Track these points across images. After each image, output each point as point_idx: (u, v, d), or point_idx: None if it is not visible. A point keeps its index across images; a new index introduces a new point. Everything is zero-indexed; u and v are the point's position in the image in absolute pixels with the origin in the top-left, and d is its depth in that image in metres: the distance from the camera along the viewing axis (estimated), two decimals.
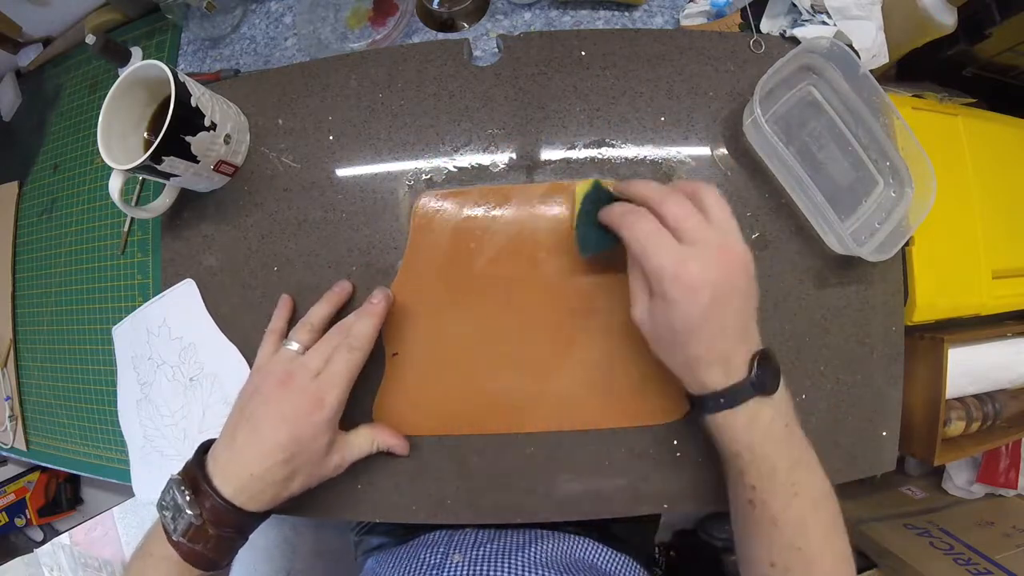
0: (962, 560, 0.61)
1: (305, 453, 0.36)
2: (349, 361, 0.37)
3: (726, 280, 0.31)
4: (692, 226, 0.31)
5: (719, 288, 0.30)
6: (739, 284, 0.31)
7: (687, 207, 0.32)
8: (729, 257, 0.31)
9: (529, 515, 0.42)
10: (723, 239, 0.31)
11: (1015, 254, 0.52)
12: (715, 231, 0.31)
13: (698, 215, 0.32)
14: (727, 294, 0.31)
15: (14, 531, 0.81)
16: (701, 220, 0.32)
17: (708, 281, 0.30)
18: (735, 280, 0.31)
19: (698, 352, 0.31)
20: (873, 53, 0.45)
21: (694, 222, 0.31)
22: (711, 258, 0.30)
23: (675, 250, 0.31)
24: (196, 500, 0.34)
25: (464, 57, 0.45)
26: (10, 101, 0.66)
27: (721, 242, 0.31)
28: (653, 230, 0.31)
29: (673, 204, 0.32)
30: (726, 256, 0.31)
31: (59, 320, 0.59)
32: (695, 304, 0.30)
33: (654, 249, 0.31)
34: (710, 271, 0.30)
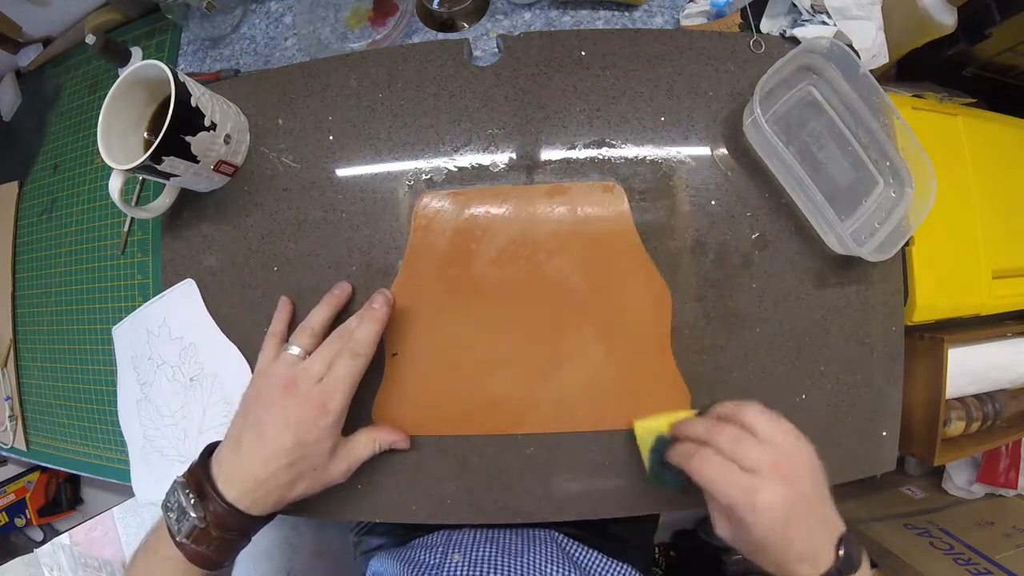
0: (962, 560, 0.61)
1: (309, 458, 0.36)
2: (352, 367, 0.37)
3: (794, 493, 0.32)
4: (749, 456, 0.33)
5: (790, 503, 0.32)
6: (807, 488, 0.33)
7: (735, 434, 0.34)
8: (790, 470, 0.33)
9: (529, 515, 0.42)
10: (778, 454, 0.33)
11: (1015, 254, 0.52)
12: (768, 449, 0.33)
13: (748, 439, 0.34)
14: (799, 504, 0.32)
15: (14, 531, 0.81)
16: (753, 444, 0.33)
17: (778, 503, 0.32)
18: (802, 487, 0.33)
19: (784, 557, 0.33)
20: (873, 53, 0.45)
21: (751, 451, 0.33)
22: (775, 480, 0.32)
23: (740, 482, 0.32)
24: (200, 503, 0.35)
25: (464, 57, 0.45)
26: (10, 101, 0.66)
27: (778, 458, 0.33)
28: (718, 467, 0.33)
29: (722, 438, 0.34)
30: (787, 470, 0.33)
31: (59, 320, 0.59)
32: (773, 525, 0.32)
33: (722, 487, 0.33)
34: (777, 492, 0.32)
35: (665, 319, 0.42)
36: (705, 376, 0.42)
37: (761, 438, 0.34)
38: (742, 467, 0.33)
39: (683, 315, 0.42)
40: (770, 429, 0.34)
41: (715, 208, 0.43)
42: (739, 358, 0.43)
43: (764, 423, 0.34)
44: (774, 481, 0.32)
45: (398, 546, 0.47)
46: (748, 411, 0.35)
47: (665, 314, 0.42)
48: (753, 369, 0.43)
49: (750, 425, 0.34)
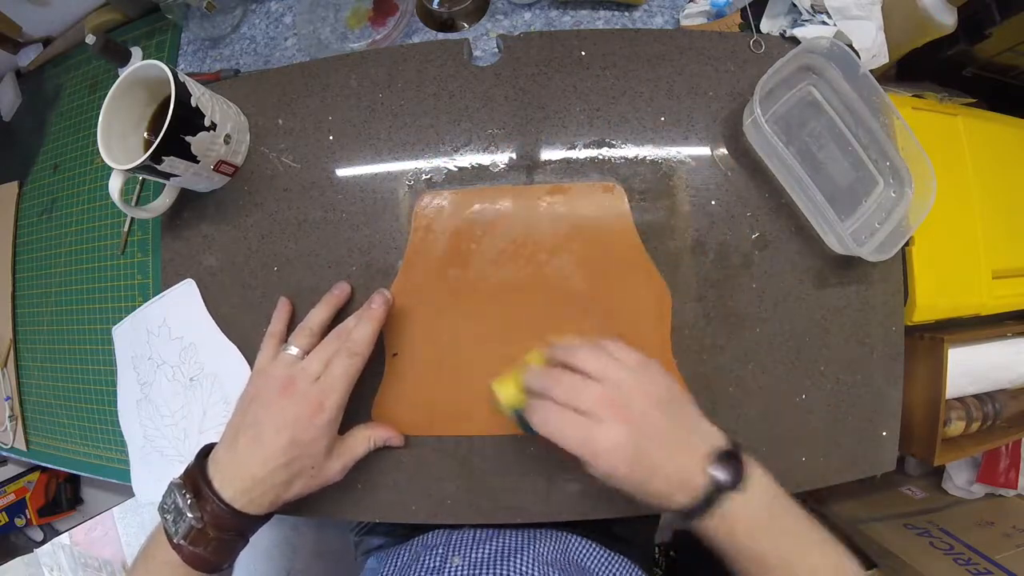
0: (962, 560, 0.61)
1: (306, 457, 0.36)
2: (348, 366, 0.37)
3: (634, 428, 0.31)
4: (581, 399, 0.32)
5: (632, 440, 0.31)
6: (652, 419, 0.32)
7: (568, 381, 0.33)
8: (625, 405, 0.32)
9: (529, 515, 0.42)
10: (611, 391, 0.32)
11: (1015, 254, 0.52)
12: (600, 388, 0.32)
13: (580, 383, 0.33)
14: (644, 438, 0.31)
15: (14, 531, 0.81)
16: (584, 386, 0.32)
17: (621, 443, 0.31)
18: (645, 419, 0.32)
19: (652, 490, 0.32)
20: (873, 53, 0.45)
21: (582, 394, 0.32)
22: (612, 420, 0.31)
23: (579, 430, 0.32)
24: (197, 503, 0.35)
25: (464, 57, 0.45)
26: (10, 101, 0.66)
27: (612, 395, 0.32)
28: (555, 421, 0.32)
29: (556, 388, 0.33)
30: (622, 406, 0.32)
31: (59, 320, 0.59)
32: (617, 466, 0.31)
33: (563, 437, 0.32)
34: (613, 433, 0.31)
35: (665, 319, 0.42)
36: (705, 376, 0.42)
37: (594, 376, 0.33)
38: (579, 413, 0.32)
39: (683, 315, 0.42)
40: (601, 366, 0.33)
41: (715, 208, 0.43)
42: (739, 358, 0.42)
43: (593, 361, 0.33)
44: (609, 422, 0.31)
45: (395, 547, 0.47)
46: (576, 352, 0.34)
47: (665, 314, 0.42)
48: (753, 369, 0.42)
49: (581, 366, 0.33)
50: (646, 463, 0.31)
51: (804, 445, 0.43)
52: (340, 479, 0.39)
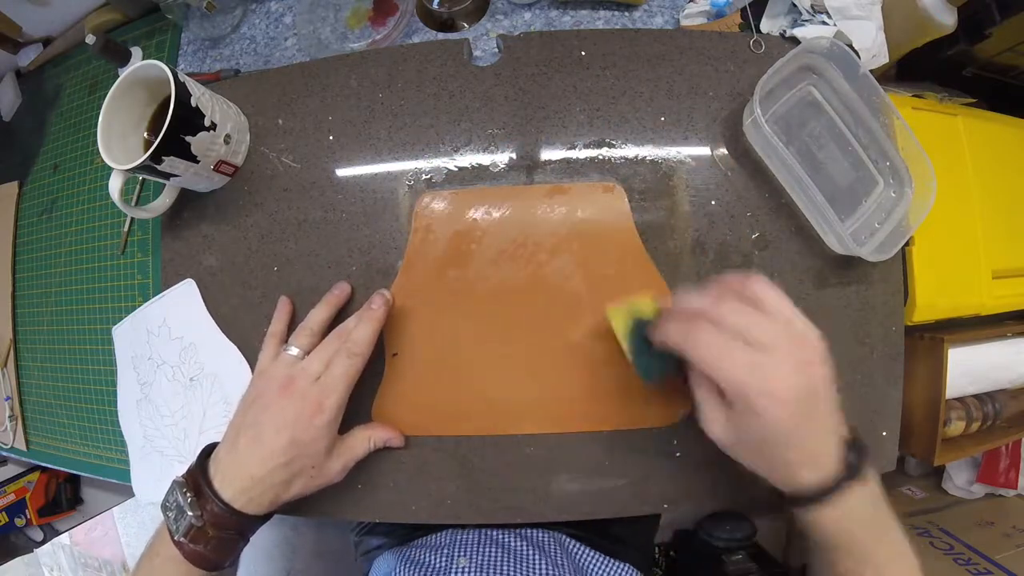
0: (962, 560, 0.61)
1: (305, 457, 0.36)
2: (348, 366, 0.37)
3: (810, 379, 0.29)
4: (759, 330, 0.29)
5: (806, 390, 0.29)
6: (819, 380, 0.29)
7: (745, 309, 0.29)
8: (806, 353, 0.29)
9: (529, 515, 0.42)
10: (792, 333, 0.29)
11: (1015, 254, 0.52)
12: (782, 327, 0.29)
13: (759, 314, 0.29)
14: (814, 393, 0.29)
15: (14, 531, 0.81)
16: (764, 319, 0.29)
17: (793, 386, 0.28)
18: (815, 377, 0.29)
19: (789, 457, 0.30)
20: (873, 53, 0.45)
21: (760, 324, 0.29)
22: (789, 360, 0.28)
23: (751, 361, 0.28)
24: (197, 502, 0.35)
25: (464, 57, 0.45)
26: (10, 101, 0.66)
27: (793, 337, 0.29)
28: (721, 343, 0.29)
29: (730, 311, 0.29)
30: (803, 352, 0.29)
31: (59, 320, 0.59)
32: (785, 413, 0.28)
33: (729, 364, 0.29)
34: (792, 376, 0.28)
35: None
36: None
37: (771, 314, 0.29)
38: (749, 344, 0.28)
39: None
40: (783, 306, 0.30)
41: (715, 208, 0.43)
42: None
43: (774, 297, 0.30)
44: (789, 362, 0.28)
45: (398, 546, 0.47)
46: (759, 284, 0.30)
47: None
48: None
49: (757, 298, 0.30)
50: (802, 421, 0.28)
51: None
52: (340, 479, 0.39)
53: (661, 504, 0.43)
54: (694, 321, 0.30)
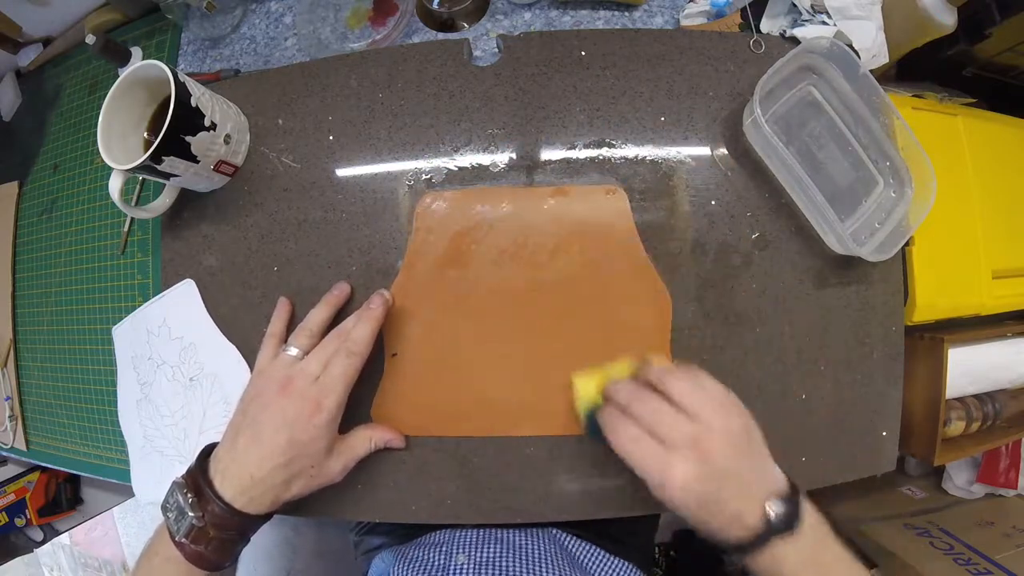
0: (962, 560, 0.61)
1: (304, 456, 0.36)
2: (347, 366, 0.37)
3: (709, 469, 0.32)
4: (663, 427, 0.33)
5: (704, 479, 0.32)
6: (729, 462, 0.32)
7: (654, 405, 0.34)
8: (710, 445, 0.32)
9: (529, 515, 0.42)
10: (698, 429, 0.32)
11: (1015, 254, 0.52)
12: (688, 423, 0.33)
13: (668, 412, 0.33)
14: (715, 479, 0.32)
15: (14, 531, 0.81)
16: (672, 417, 0.33)
17: (688, 480, 0.32)
18: (722, 462, 0.32)
19: (708, 523, 0.33)
20: (873, 53, 0.45)
21: (665, 422, 0.33)
22: (689, 459, 0.32)
23: (656, 459, 0.32)
24: (198, 502, 0.35)
25: (464, 57, 0.45)
26: (10, 101, 0.66)
27: (698, 433, 0.32)
28: (632, 438, 0.33)
29: (640, 406, 0.34)
30: (706, 445, 0.32)
31: (59, 320, 0.59)
32: (686, 501, 0.32)
33: (635, 459, 0.33)
34: (688, 469, 0.32)
35: (665, 323, 0.42)
36: None
37: (683, 408, 0.33)
38: (659, 440, 0.32)
39: (683, 315, 0.42)
40: (695, 401, 0.33)
41: (715, 208, 0.43)
42: (739, 358, 0.42)
43: (688, 395, 0.33)
44: (688, 458, 0.32)
45: (398, 545, 0.47)
46: (674, 381, 0.34)
47: (665, 318, 0.42)
48: (753, 369, 0.42)
49: (672, 394, 0.34)
50: (708, 501, 0.32)
51: (804, 445, 0.43)
52: (340, 479, 0.39)
53: (661, 504, 0.42)
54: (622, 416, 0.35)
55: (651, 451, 0.33)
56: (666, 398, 0.34)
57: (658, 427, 0.33)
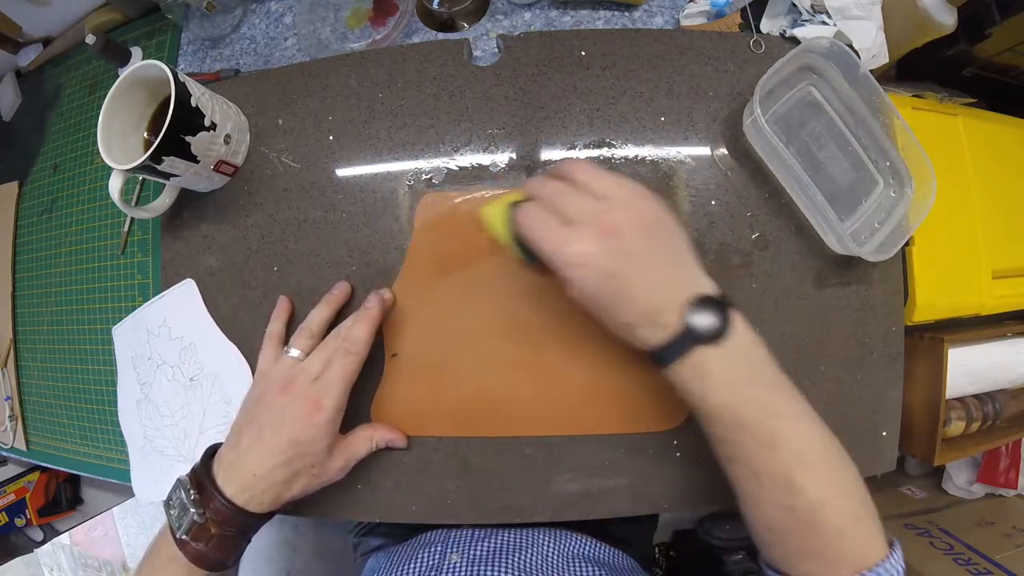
0: (962, 560, 0.61)
1: (306, 455, 0.37)
2: (346, 365, 0.37)
3: (615, 246, 0.30)
4: (570, 206, 0.31)
5: (609, 256, 0.30)
6: (638, 244, 0.30)
7: (559, 187, 0.32)
8: (615, 223, 0.30)
9: (529, 515, 0.42)
10: (604, 206, 0.31)
11: (1015, 254, 0.52)
12: (594, 202, 0.31)
13: (574, 193, 0.31)
14: (624, 259, 0.30)
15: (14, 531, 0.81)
16: (575, 196, 0.31)
17: (590, 254, 0.30)
18: (630, 242, 0.30)
19: (621, 318, 0.31)
20: (873, 53, 0.45)
21: (571, 201, 0.31)
22: (590, 232, 0.30)
23: (556, 232, 0.30)
24: (200, 499, 0.35)
25: (464, 57, 0.45)
26: (10, 101, 0.66)
27: (604, 210, 0.30)
28: (539, 219, 0.31)
29: (549, 190, 0.32)
30: (611, 222, 0.30)
31: (59, 320, 0.59)
32: (588, 280, 0.30)
33: (538, 235, 0.31)
34: (590, 243, 0.30)
35: None
36: None
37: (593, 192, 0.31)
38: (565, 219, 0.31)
39: None
40: (602, 185, 0.31)
41: (715, 208, 0.43)
42: None
43: (595, 179, 0.32)
44: (590, 232, 0.30)
45: (397, 545, 0.47)
46: (581, 167, 0.32)
47: None
48: None
49: (582, 181, 0.32)
50: (615, 285, 0.30)
51: None
52: (342, 478, 0.40)
53: (661, 504, 0.43)
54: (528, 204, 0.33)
55: (553, 228, 0.30)
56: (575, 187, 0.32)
57: (560, 204, 0.31)
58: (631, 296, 0.30)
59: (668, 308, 0.30)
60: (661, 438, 0.42)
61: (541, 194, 0.32)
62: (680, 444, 0.42)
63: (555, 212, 0.31)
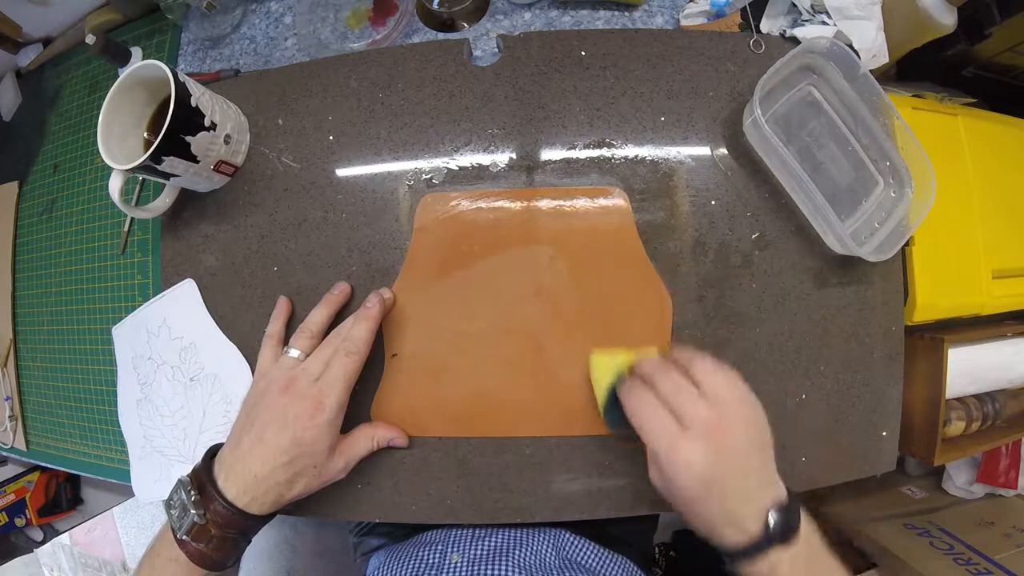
0: (962, 560, 0.61)
1: (307, 456, 0.36)
2: (346, 365, 0.37)
3: (719, 456, 0.31)
4: (683, 405, 0.32)
5: (712, 465, 0.31)
6: (739, 455, 0.32)
7: (678, 383, 0.33)
8: (724, 433, 0.32)
9: (529, 515, 0.42)
10: (716, 413, 0.32)
11: (1015, 254, 0.52)
12: (707, 406, 0.32)
13: (690, 391, 0.33)
14: (724, 468, 0.32)
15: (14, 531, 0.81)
16: (693, 397, 0.33)
17: (696, 462, 0.31)
18: (733, 453, 0.32)
19: (705, 516, 0.32)
20: (873, 53, 0.45)
21: (688, 401, 0.32)
22: (702, 438, 0.31)
23: (668, 432, 0.32)
24: (201, 501, 0.35)
25: (464, 57, 0.45)
26: (10, 101, 0.66)
27: (714, 418, 0.32)
28: (649, 411, 0.33)
29: (664, 381, 0.34)
30: (720, 432, 0.32)
31: (59, 320, 0.58)
32: (690, 483, 0.31)
33: (649, 430, 0.33)
34: (698, 452, 0.31)
35: (665, 325, 0.42)
36: None
37: (705, 393, 0.33)
38: (676, 417, 0.32)
39: (683, 315, 0.42)
40: (717, 386, 0.33)
41: (715, 208, 0.43)
42: (739, 358, 0.42)
43: (712, 379, 0.33)
44: (701, 440, 0.31)
45: (397, 544, 0.47)
46: (701, 363, 0.34)
47: (665, 320, 0.42)
48: (753, 369, 0.42)
49: (698, 378, 0.33)
50: (714, 492, 0.32)
51: (804, 445, 0.43)
52: (343, 476, 0.40)
53: (661, 504, 0.42)
54: (642, 386, 0.35)
55: (665, 423, 0.32)
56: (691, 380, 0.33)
57: (678, 404, 0.32)
58: (722, 503, 0.32)
59: (753, 516, 0.32)
60: None
61: (661, 386, 0.34)
62: None
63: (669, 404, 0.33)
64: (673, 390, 0.33)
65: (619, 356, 0.38)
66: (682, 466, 0.31)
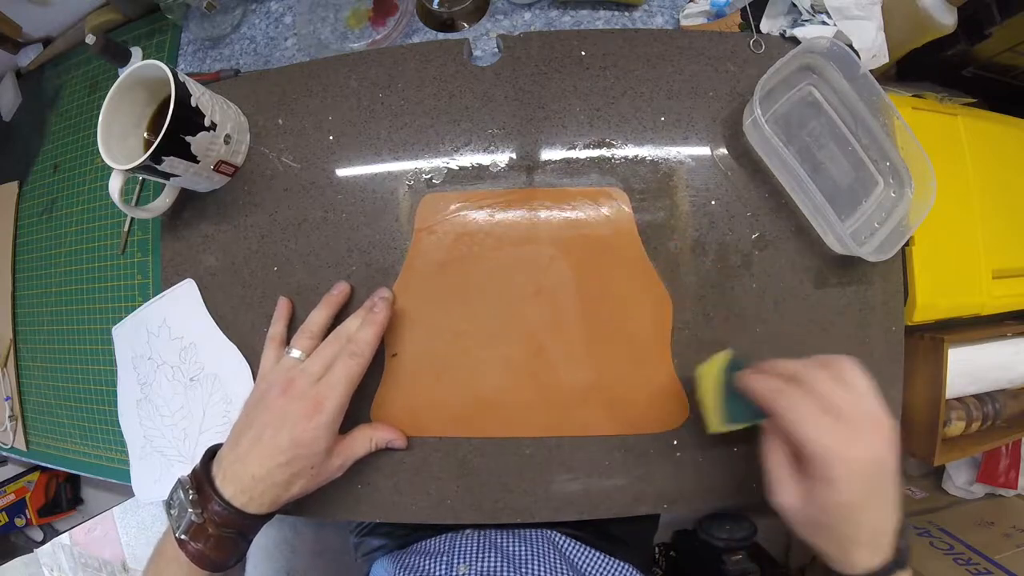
0: (962, 560, 0.61)
1: (305, 457, 0.36)
2: (350, 367, 0.37)
3: (884, 457, 0.30)
4: (844, 401, 0.30)
5: (880, 464, 0.30)
6: (891, 459, 0.30)
7: (835, 383, 0.31)
8: (883, 432, 0.30)
9: (529, 515, 0.42)
10: (874, 413, 0.31)
11: (1015, 254, 0.52)
12: (863, 404, 0.31)
13: (844, 388, 0.31)
14: (886, 471, 0.30)
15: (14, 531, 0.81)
16: (848, 393, 0.31)
17: (870, 458, 0.29)
18: (889, 456, 0.30)
19: (851, 533, 0.30)
20: (873, 53, 0.45)
21: (845, 397, 0.30)
22: (870, 435, 0.30)
23: (835, 428, 0.29)
24: (199, 500, 0.35)
25: (464, 57, 0.45)
26: (10, 101, 0.66)
27: (873, 416, 0.30)
28: (808, 406, 0.30)
29: (819, 379, 0.31)
30: (880, 431, 0.30)
31: (59, 320, 0.58)
32: (859, 483, 0.29)
33: (814, 427, 0.30)
34: (869, 448, 0.29)
35: (665, 326, 0.42)
36: None
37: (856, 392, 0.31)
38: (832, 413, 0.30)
39: (683, 315, 0.42)
40: (866, 387, 0.31)
41: (715, 208, 0.43)
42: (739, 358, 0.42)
43: (862, 380, 0.31)
44: (871, 435, 0.29)
45: (399, 548, 0.47)
46: (846, 364, 0.32)
47: (665, 321, 0.42)
48: None
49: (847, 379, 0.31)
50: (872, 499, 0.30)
51: None
52: (340, 475, 0.40)
53: (661, 504, 0.43)
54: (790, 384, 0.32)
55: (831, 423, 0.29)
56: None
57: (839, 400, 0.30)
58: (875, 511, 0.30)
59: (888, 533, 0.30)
60: (661, 438, 0.42)
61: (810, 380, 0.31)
62: (680, 444, 0.42)
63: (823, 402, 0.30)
64: (825, 386, 0.31)
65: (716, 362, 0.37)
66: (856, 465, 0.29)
